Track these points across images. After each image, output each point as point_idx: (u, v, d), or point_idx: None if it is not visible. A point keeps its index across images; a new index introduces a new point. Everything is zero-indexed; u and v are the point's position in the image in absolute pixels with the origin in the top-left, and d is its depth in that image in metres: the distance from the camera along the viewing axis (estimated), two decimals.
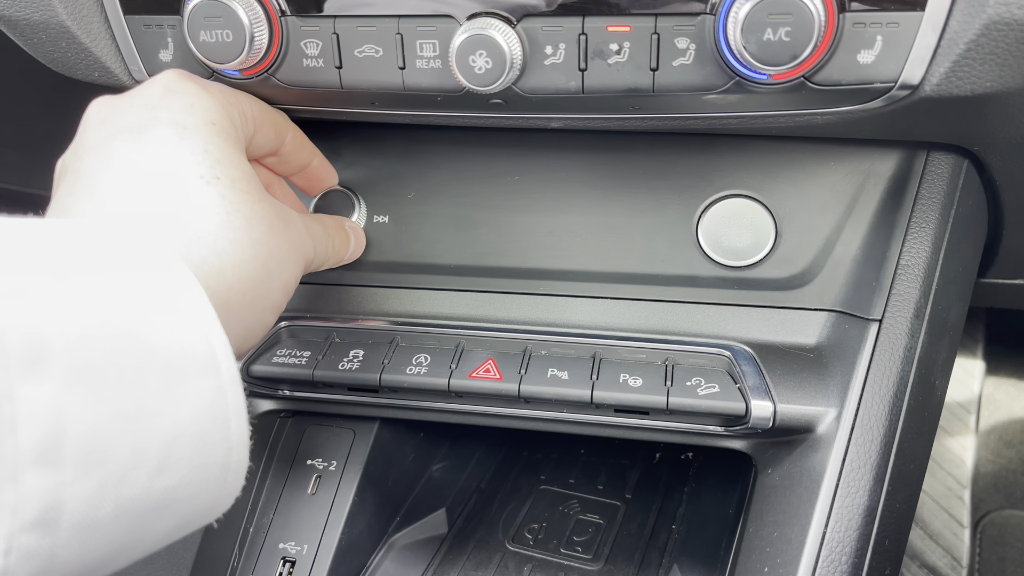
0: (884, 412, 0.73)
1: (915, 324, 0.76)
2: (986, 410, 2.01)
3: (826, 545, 0.69)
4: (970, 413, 2.00)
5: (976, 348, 2.07)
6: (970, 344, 2.07)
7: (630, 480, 1.08)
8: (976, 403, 2.01)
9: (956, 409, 2.00)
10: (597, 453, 1.13)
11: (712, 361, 0.81)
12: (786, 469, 0.76)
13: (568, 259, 0.86)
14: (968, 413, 2.00)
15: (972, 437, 1.97)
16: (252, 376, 0.85)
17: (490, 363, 0.83)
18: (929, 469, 1.89)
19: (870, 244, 0.80)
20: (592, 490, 1.06)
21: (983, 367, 2.05)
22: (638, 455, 1.12)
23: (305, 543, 0.89)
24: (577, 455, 1.13)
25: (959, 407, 2.01)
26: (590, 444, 1.15)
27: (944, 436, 1.97)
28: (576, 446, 1.15)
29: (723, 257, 0.83)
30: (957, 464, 1.93)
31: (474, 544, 0.98)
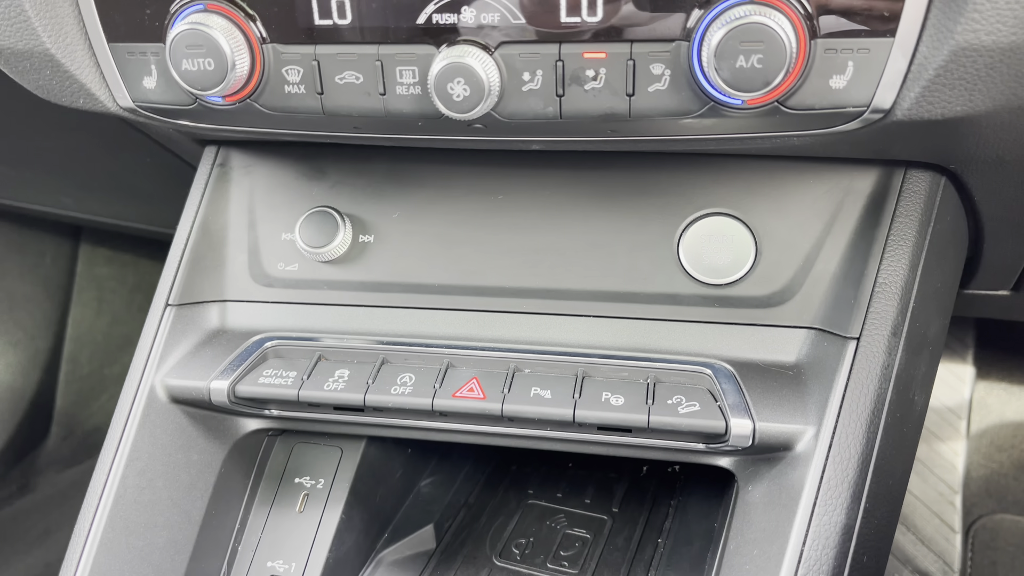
0: (861, 430, 0.74)
1: (892, 342, 0.77)
2: (977, 415, 2.02)
3: (803, 563, 0.70)
4: (961, 418, 2.01)
5: (966, 354, 2.08)
6: (960, 350, 2.08)
7: (617, 494, 1.08)
8: (967, 408, 2.02)
9: (947, 414, 2.01)
10: (584, 467, 1.14)
11: (693, 379, 0.81)
12: (766, 487, 0.77)
13: (552, 277, 0.87)
14: (959, 418, 2.00)
15: (963, 442, 1.98)
16: (239, 396, 0.85)
17: (474, 382, 0.84)
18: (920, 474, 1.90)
19: (848, 262, 0.81)
20: (579, 504, 1.07)
21: (973, 372, 2.06)
22: (625, 469, 1.13)
23: (293, 561, 0.89)
24: (565, 469, 1.14)
25: (950, 412, 2.02)
26: (578, 458, 1.16)
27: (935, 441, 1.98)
28: (564, 460, 1.16)
29: (704, 275, 0.84)
30: (948, 469, 1.94)
31: (462, 559, 0.99)
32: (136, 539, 0.83)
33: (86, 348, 2.37)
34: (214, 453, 0.90)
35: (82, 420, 2.37)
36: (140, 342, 0.90)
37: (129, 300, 2.44)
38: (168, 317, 0.90)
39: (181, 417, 0.88)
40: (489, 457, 1.17)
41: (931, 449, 1.96)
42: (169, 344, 0.89)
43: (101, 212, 1.66)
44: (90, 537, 0.82)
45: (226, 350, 0.89)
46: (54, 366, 2.30)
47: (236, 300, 0.93)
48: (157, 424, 0.87)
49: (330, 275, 0.91)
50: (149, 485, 0.85)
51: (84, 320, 2.36)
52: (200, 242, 0.94)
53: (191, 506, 0.87)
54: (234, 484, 0.92)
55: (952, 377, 2.04)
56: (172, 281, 0.92)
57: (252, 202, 0.94)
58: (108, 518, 0.82)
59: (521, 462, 1.16)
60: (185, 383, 0.87)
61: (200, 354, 0.89)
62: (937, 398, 2.01)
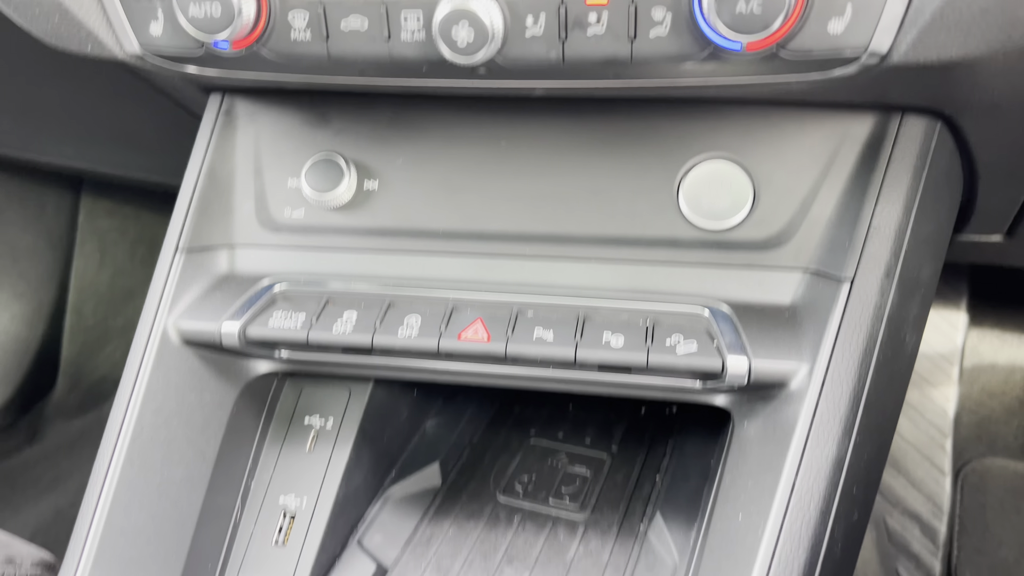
0: (853, 368, 0.76)
1: (885, 283, 0.79)
2: (969, 361, 2.05)
3: (796, 493, 0.73)
4: (953, 364, 2.04)
5: (960, 301, 2.10)
6: (954, 297, 2.11)
7: (616, 434, 1.12)
8: (959, 354, 2.06)
9: (939, 360, 2.05)
10: (585, 409, 1.17)
11: (691, 320, 0.84)
12: (761, 423, 0.80)
13: (554, 223, 0.89)
14: (951, 364, 2.04)
15: (955, 388, 2.02)
16: (249, 339, 0.88)
17: (478, 324, 0.86)
18: (912, 419, 1.94)
19: (844, 205, 0.83)
20: (580, 444, 1.10)
21: (967, 319, 2.09)
22: (624, 410, 1.16)
23: (304, 497, 0.93)
24: (566, 411, 1.17)
25: (942, 358, 2.05)
26: (578, 400, 1.19)
27: (927, 387, 2.01)
28: (565, 402, 1.19)
29: (703, 219, 0.86)
30: (940, 414, 1.98)
31: (466, 496, 1.02)
32: (154, 474, 0.86)
33: (90, 300, 2.39)
34: (226, 394, 0.92)
35: (88, 371, 2.40)
36: (152, 286, 0.92)
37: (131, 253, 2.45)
38: (178, 262, 0.92)
39: (193, 359, 0.91)
40: (492, 400, 1.20)
41: (923, 394, 2.00)
42: (180, 288, 0.91)
43: (103, 162, 1.67)
44: (110, 472, 0.85)
45: (236, 294, 0.91)
46: (59, 317, 2.32)
47: (244, 245, 0.95)
48: (170, 366, 0.89)
49: (336, 221, 0.93)
50: (165, 424, 0.88)
51: (87, 272, 2.38)
52: (208, 188, 0.95)
53: (205, 444, 0.90)
54: (246, 424, 0.95)
55: (945, 324, 2.07)
56: (181, 227, 0.94)
57: (258, 149, 0.96)
58: (127, 454, 0.85)
59: (523, 404, 1.19)
60: (197, 326, 0.89)
61: (210, 298, 0.91)
62: (930, 344, 2.05)
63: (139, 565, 0.84)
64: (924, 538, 1.84)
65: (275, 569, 0.89)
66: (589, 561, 0.92)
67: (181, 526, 0.87)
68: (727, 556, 0.75)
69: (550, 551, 0.94)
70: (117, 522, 0.83)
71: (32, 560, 0.98)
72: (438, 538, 0.96)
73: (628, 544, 0.94)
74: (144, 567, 0.84)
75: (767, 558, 0.71)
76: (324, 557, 0.91)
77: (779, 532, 0.72)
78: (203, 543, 0.89)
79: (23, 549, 1.00)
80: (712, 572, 0.76)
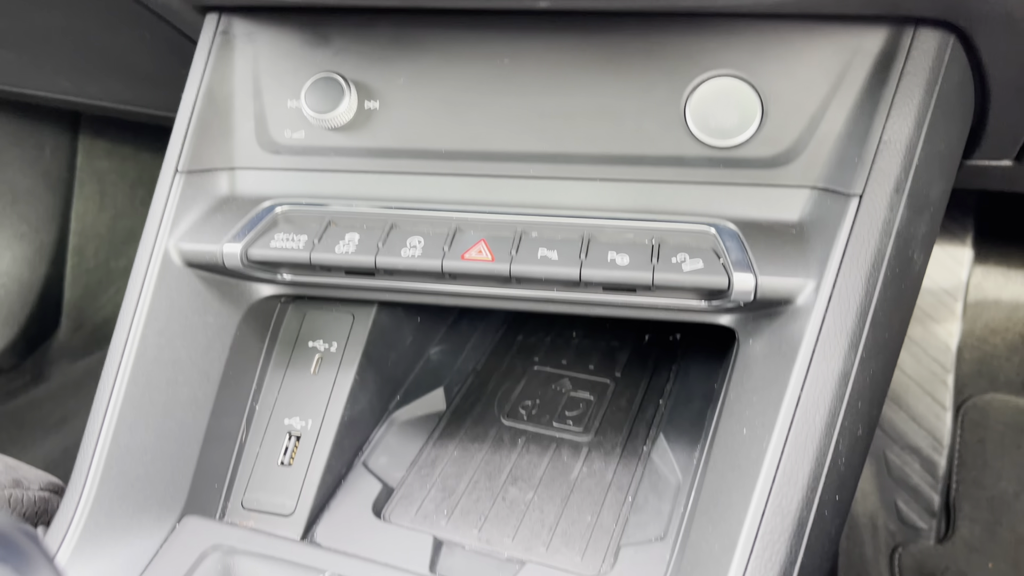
0: (861, 283, 0.76)
1: (894, 199, 0.78)
2: (973, 297, 2.05)
3: (801, 406, 0.73)
4: (956, 300, 2.04)
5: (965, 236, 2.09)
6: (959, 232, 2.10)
7: (619, 360, 1.12)
8: (963, 290, 2.05)
9: (943, 296, 2.04)
10: (588, 336, 1.17)
11: (697, 239, 0.83)
12: (766, 340, 0.80)
13: (558, 141, 0.88)
14: (955, 300, 2.04)
15: (958, 323, 2.02)
16: (251, 260, 0.87)
17: (482, 244, 0.85)
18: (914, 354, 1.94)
19: (854, 121, 0.81)
20: (583, 370, 1.11)
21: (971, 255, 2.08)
22: (628, 338, 1.16)
23: (309, 418, 0.93)
24: (569, 339, 1.17)
25: (946, 294, 2.05)
26: (582, 328, 1.19)
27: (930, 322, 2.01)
28: (568, 330, 1.19)
29: (710, 137, 0.84)
30: (942, 350, 1.98)
31: (471, 420, 1.03)
32: (159, 394, 0.86)
33: (91, 242, 2.39)
34: (229, 316, 0.92)
35: (91, 313, 2.41)
36: (152, 208, 0.91)
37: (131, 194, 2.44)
38: (178, 183, 0.91)
39: (196, 281, 0.90)
40: (496, 328, 1.20)
41: (925, 330, 2.00)
42: (181, 210, 0.91)
43: (99, 95, 1.64)
44: (114, 391, 0.85)
45: (237, 215, 0.90)
46: (60, 259, 2.32)
47: (244, 168, 0.94)
48: (173, 287, 0.89)
49: (337, 142, 0.92)
50: (169, 344, 0.88)
51: (87, 214, 2.37)
52: (206, 110, 0.94)
53: (209, 366, 0.90)
54: (249, 347, 0.95)
55: (949, 259, 2.06)
56: (180, 148, 0.92)
57: (256, 70, 0.94)
58: (131, 374, 0.85)
59: (527, 333, 1.19)
60: (198, 247, 0.88)
61: (211, 220, 0.90)
62: (934, 280, 2.04)
63: (146, 483, 0.84)
64: (924, 472, 1.85)
65: (281, 488, 0.90)
66: (593, 481, 0.93)
67: (187, 446, 0.87)
68: (731, 469, 0.75)
69: (554, 471, 0.94)
70: (123, 440, 0.84)
71: (40, 484, 0.99)
72: (443, 460, 0.97)
73: (631, 464, 0.94)
74: (151, 485, 0.85)
75: (771, 470, 0.72)
76: (330, 477, 0.91)
77: (784, 445, 0.72)
78: (209, 463, 0.89)
79: (30, 473, 1.01)
80: (716, 486, 0.77)
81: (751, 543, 0.69)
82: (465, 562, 0.85)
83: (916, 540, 1.75)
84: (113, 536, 0.82)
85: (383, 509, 0.91)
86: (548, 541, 0.86)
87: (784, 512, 0.70)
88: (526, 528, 0.88)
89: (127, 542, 0.82)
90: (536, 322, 1.21)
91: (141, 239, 0.90)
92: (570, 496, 0.91)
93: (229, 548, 0.80)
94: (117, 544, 0.81)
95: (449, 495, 0.92)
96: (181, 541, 0.82)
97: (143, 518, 0.83)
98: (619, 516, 0.88)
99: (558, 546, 0.86)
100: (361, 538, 0.87)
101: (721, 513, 0.74)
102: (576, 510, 0.89)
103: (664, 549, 0.81)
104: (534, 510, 0.90)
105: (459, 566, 0.85)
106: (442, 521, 0.89)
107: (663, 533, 0.84)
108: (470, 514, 0.90)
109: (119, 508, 0.83)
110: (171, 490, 0.86)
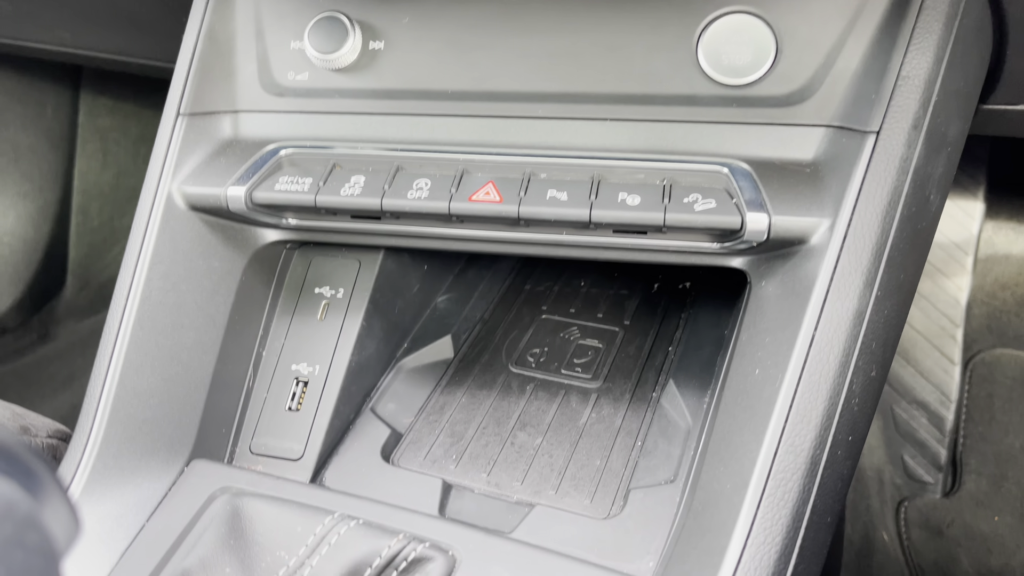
0: (876, 221, 0.74)
1: (912, 135, 0.76)
2: (983, 252, 2.03)
3: (815, 345, 0.72)
4: (967, 254, 2.02)
5: (977, 190, 2.07)
6: (971, 186, 2.07)
7: (628, 309, 1.11)
8: (974, 244, 2.03)
9: (953, 250, 2.03)
10: (597, 285, 1.16)
11: (709, 179, 0.81)
12: (779, 280, 0.78)
13: (567, 81, 0.86)
14: (965, 254, 2.02)
15: (968, 278, 2.00)
16: (256, 203, 0.86)
17: (490, 186, 0.84)
18: (923, 309, 1.93)
19: (871, 57, 0.79)
20: (592, 318, 1.10)
21: (983, 209, 2.06)
22: (637, 286, 1.15)
23: (317, 364, 0.92)
24: (578, 288, 1.16)
25: (956, 248, 2.03)
26: (591, 277, 1.18)
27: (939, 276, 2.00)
28: (577, 279, 1.17)
29: (723, 75, 0.83)
30: (951, 304, 1.97)
31: (479, 367, 1.02)
32: (164, 338, 0.86)
33: (95, 200, 2.38)
34: (234, 261, 0.91)
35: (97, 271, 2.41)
36: (154, 151, 0.90)
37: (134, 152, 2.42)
38: (180, 126, 0.90)
39: (200, 225, 0.89)
40: (503, 276, 1.19)
41: (935, 284, 1.98)
42: (183, 153, 0.89)
43: (100, 47, 1.62)
44: (120, 335, 0.84)
45: (240, 159, 0.89)
46: (64, 218, 2.31)
47: (248, 110, 0.92)
48: (177, 230, 0.88)
49: (341, 83, 0.90)
50: (173, 288, 0.87)
51: (90, 172, 2.35)
52: (207, 51, 0.92)
53: (215, 310, 0.89)
54: (255, 293, 0.94)
55: (961, 213, 2.04)
56: (182, 90, 0.91)
57: (258, 10, 0.92)
58: (136, 318, 0.84)
59: (535, 281, 1.18)
60: (202, 190, 0.87)
61: (215, 163, 0.89)
62: (944, 234, 2.02)
63: (153, 426, 0.84)
64: (931, 426, 1.85)
65: (289, 433, 0.90)
66: (602, 426, 0.92)
67: (194, 390, 0.87)
68: (743, 410, 0.75)
69: (563, 417, 0.94)
70: (129, 383, 0.83)
71: (48, 431, 0.99)
72: (451, 406, 0.96)
73: (641, 410, 0.94)
74: (158, 428, 0.84)
75: (784, 409, 0.71)
76: (338, 422, 0.91)
77: (797, 384, 0.71)
78: (217, 408, 0.89)
79: (38, 420, 1.00)
80: (727, 427, 0.76)
81: (763, 481, 0.69)
82: (475, 505, 0.85)
83: (922, 494, 1.75)
84: (121, 478, 0.82)
85: (392, 454, 0.91)
86: (557, 485, 0.86)
87: (797, 450, 0.69)
88: (535, 472, 0.87)
89: (136, 484, 0.82)
90: (544, 271, 1.19)
91: (144, 182, 0.89)
92: (579, 441, 0.91)
93: (238, 490, 0.79)
94: (126, 486, 0.81)
95: (457, 440, 0.92)
96: (190, 484, 0.82)
97: (151, 461, 0.83)
98: (628, 460, 0.88)
99: (567, 489, 0.85)
100: (370, 482, 0.87)
101: (732, 453, 0.73)
102: (585, 455, 0.89)
103: (674, 491, 0.81)
104: (543, 455, 0.89)
105: (468, 509, 0.84)
106: (451, 466, 0.89)
107: (673, 476, 0.83)
108: (479, 459, 0.90)
109: (127, 451, 0.82)
110: (178, 434, 0.86)
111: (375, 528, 0.74)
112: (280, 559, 0.74)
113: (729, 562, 0.66)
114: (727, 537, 0.68)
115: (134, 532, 0.79)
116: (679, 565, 0.71)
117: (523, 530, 0.80)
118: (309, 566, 0.72)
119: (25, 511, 0.34)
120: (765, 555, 0.67)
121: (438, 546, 0.72)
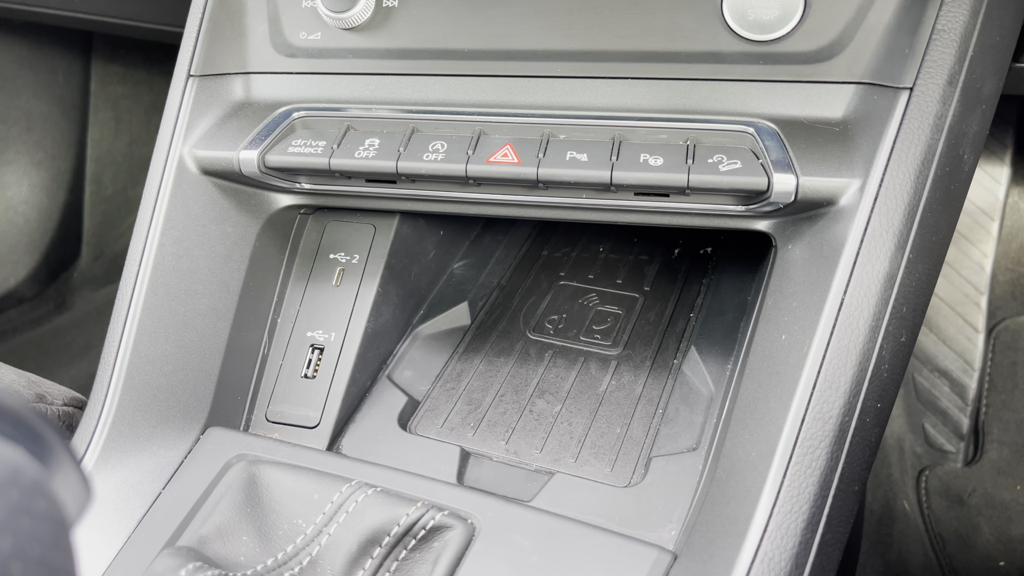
0: (910, 180, 0.72)
1: (947, 91, 0.74)
2: (1010, 219, 1.99)
3: (844, 309, 0.70)
4: (993, 220, 1.98)
5: (1004, 154, 2.02)
6: (998, 150, 2.03)
7: (649, 275, 1.09)
8: (1000, 210, 1.99)
9: (979, 216, 1.99)
10: (616, 251, 1.14)
11: (735, 139, 0.79)
12: (807, 243, 0.76)
13: (587, 38, 0.83)
14: (991, 220, 1.98)
15: (993, 244, 1.96)
16: (268, 166, 0.84)
17: (508, 148, 0.81)
18: (946, 275, 1.90)
19: (905, 10, 0.76)
20: (611, 285, 1.08)
21: (1010, 174, 2.01)
22: (657, 252, 1.13)
23: (332, 331, 0.91)
24: (596, 253, 1.14)
25: (982, 213, 1.99)
26: (609, 242, 1.15)
27: (964, 243, 1.96)
28: (595, 244, 1.15)
29: (749, 31, 0.80)
30: (976, 271, 1.93)
31: (496, 334, 1.00)
32: (178, 304, 0.84)
33: (108, 169, 2.37)
34: (248, 227, 0.90)
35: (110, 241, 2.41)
36: (165, 114, 0.88)
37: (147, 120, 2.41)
38: (191, 88, 0.88)
39: (212, 190, 0.87)
40: (520, 242, 1.17)
41: (959, 251, 1.94)
42: (195, 115, 0.87)
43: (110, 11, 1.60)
44: (133, 301, 0.83)
45: (253, 121, 0.87)
46: (78, 187, 2.30)
47: (259, 72, 0.90)
48: (189, 195, 0.86)
49: (354, 43, 0.88)
50: (187, 254, 0.85)
51: (103, 140, 2.34)
52: (218, 11, 0.90)
53: (229, 276, 0.88)
54: (270, 259, 0.93)
55: (987, 178, 2.00)
56: (192, 51, 0.89)
57: None
58: (149, 283, 0.83)
59: (552, 247, 1.16)
60: (214, 154, 0.85)
61: (227, 126, 0.87)
62: (970, 199, 1.98)
63: (168, 393, 0.83)
64: (953, 394, 1.83)
65: (306, 400, 0.88)
66: (622, 394, 0.90)
67: (208, 357, 0.86)
68: (769, 376, 0.73)
69: (582, 384, 0.92)
70: (143, 350, 0.82)
71: (64, 399, 0.99)
72: (468, 373, 0.95)
73: (662, 377, 0.92)
74: (173, 395, 0.83)
75: (812, 375, 0.69)
76: (354, 389, 0.90)
77: (825, 349, 0.69)
78: (232, 375, 0.88)
79: (53, 388, 1.00)
80: (752, 394, 0.74)
81: (790, 449, 0.67)
82: (493, 473, 0.84)
83: (943, 463, 1.73)
84: (137, 445, 0.81)
85: (409, 422, 0.90)
86: (577, 453, 0.85)
87: (825, 417, 0.67)
88: (554, 440, 0.86)
89: (151, 451, 0.81)
90: (562, 236, 1.17)
91: (155, 145, 0.87)
92: (599, 409, 0.89)
93: (255, 458, 0.79)
94: (141, 453, 0.81)
95: (475, 408, 0.91)
96: (206, 451, 0.81)
97: (166, 428, 0.82)
98: (649, 428, 0.86)
99: (587, 457, 0.84)
100: (388, 450, 0.86)
101: (758, 420, 0.71)
102: (605, 422, 0.87)
103: (696, 459, 0.79)
104: (562, 422, 0.88)
105: (487, 476, 0.83)
106: (469, 433, 0.88)
107: (695, 444, 0.82)
108: (497, 426, 0.88)
109: (142, 418, 0.82)
110: (194, 401, 0.85)
111: (393, 496, 0.73)
112: (298, 527, 0.73)
113: (756, 530, 0.65)
114: (753, 505, 0.66)
115: (150, 500, 0.78)
116: (703, 533, 0.70)
117: (543, 498, 0.78)
118: (327, 534, 0.71)
119: (32, 477, 0.33)
120: (792, 523, 0.65)
121: (457, 514, 0.71)
